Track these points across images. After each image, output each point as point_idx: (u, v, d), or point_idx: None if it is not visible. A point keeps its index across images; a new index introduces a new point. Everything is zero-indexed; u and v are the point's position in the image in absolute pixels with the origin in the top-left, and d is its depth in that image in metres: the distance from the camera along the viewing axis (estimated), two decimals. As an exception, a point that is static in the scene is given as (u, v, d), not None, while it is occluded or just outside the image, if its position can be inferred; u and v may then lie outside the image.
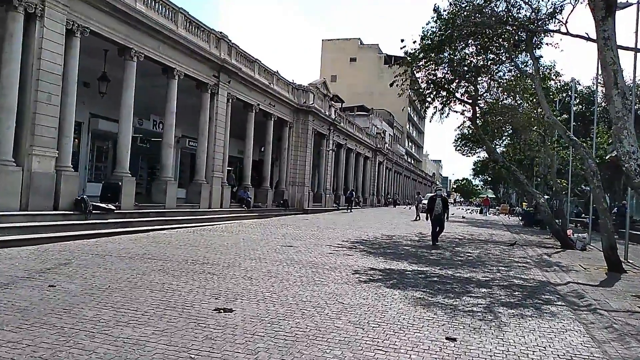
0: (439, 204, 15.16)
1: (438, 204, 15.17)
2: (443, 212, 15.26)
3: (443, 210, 15.26)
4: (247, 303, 6.63)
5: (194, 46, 18.63)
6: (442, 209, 15.22)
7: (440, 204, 15.18)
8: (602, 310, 7.52)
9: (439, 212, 15.12)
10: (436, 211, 15.14)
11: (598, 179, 11.98)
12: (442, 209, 15.20)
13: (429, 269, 10.58)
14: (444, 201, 15.48)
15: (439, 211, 15.14)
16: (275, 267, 9.55)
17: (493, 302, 7.60)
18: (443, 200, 15.48)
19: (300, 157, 30.35)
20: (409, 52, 18.52)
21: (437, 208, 15.15)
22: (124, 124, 16.02)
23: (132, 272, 8.32)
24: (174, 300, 6.60)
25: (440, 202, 15.25)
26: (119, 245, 11.56)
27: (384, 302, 7.12)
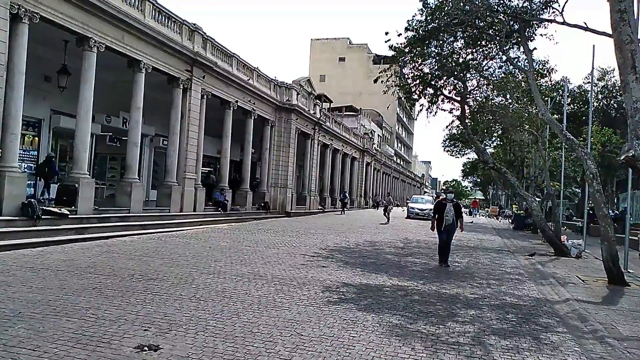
0: (450, 211, 11.97)
1: (449, 211, 11.97)
2: (456, 222, 12.15)
3: (456, 219, 12.11)
4: (181, 337, 5.37)
5: (163, 38, 17.28)
6: (455, 218, 12.08)
7: (452, 212, 11.99)
8: (611, 338, 6.37)
9: (450, 222, 11.95)
10: (447, 221, 11.93)
11: (598, 182, 10.88)
12: (454, 217, 12.05)
13: (410, 284, 9.37)
14: (456, 208, 12.33)
15: (451, 221, 11.96)
16: (233, 284, 8.29)
17: (483, 330, 6.41)
18: (456, 207, 12.32)
19: (283, 158, 29.05)
20: (394, 46, 17.41)
21: (448, 216, 11.95)
22: (82, 121, 14.66)
23: (60, 292, 7.02)
24: (90, 333, 5.32)
25: (452, 208, 12.08)
26: (65, 256, 10.24)
27: (351, 332, 5.89)
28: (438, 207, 12.28)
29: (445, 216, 11.95)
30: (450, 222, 11.98)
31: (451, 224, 12.03)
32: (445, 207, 12.04)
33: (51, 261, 9.55)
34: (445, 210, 11.99)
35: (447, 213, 11.97)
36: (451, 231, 12.13)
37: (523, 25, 13.23)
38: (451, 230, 12.11)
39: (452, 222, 12.00)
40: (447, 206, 12.09)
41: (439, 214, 12.07)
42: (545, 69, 19.23)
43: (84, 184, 14.30)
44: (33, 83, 16.97)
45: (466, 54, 17.19)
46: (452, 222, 12.01)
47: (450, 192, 13.20)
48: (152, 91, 19.23)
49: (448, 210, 11.99)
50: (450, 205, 12.18)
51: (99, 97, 16.55)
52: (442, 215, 11.96)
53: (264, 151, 27.96)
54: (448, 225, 12.00)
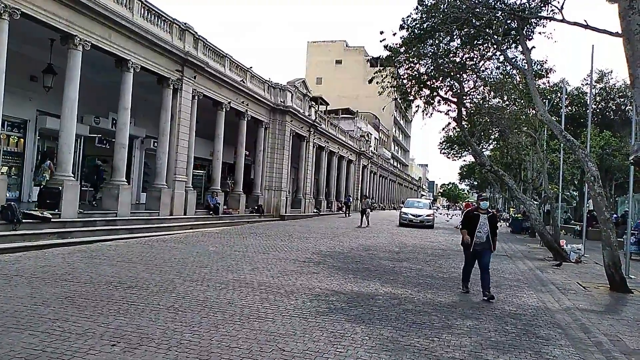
0: (483, 226, 8.83)
1: (483, 225, 8.83)
2: (491, 239, 8.91)
3: (492, 236, 8.91)
4: (151, 353, 4.91)
5: (152, 37, 16.83)
6: (490, 234, 8.90)
7: (486, 226, 8.84)
8: (617, 351, 5.94)
9: (483, 241, 8.82)
10: (478, 239, 8.81)
11: (599, 185, 10.47)
12: (489, 235, 8.88)
13: (404, 291, 8.93)
14: (492, 222, 9.04)
15: (484, 239, 8.81)
16: (216, 292, 7.83)
17: (480, 343, 5.97)
18: (491, 221, 9.01)
19: (278, 160, 28.58)
20: (389, 46, 17.04)
21: (481, 233, 8.82)
22: (67, 121, 14.17)
23: (29, 302, 6.56)
24: (51, 349, 4.86)
25: (487, 222, 8.89)
26: (43, 262, 9.76)
27: (338, 347, 5.44)
28: (468, 220, 9.08)
29: (477, 232, 8.78)
30: (483, 240, 8.78)
31: (484, 244, 8.80)
32: (478, 220, 8.83)
33: (27, 267, 9.08)
34: (479, 224, 8.80)
35: (480, 228, 8.79)
36: (483, 253, 8.82)
37: (521, 23, 12.84)
38: (483, 253, 8.82)
39: (485, 240, 8.79)
40: (480, 219, 8.84)
41: (470, 227, 8.94)
42: (543, 69, 18.84)
43: (68, 187, 13.82)
44: (18, 83, 16.54)
45: (463, 54, 16.80)
46: (485, 241, 8.79)
47: (484, 199, 9.42)
48: (143, 92, 18.80)
49: (482, 225, 8.80)
50: (485, 218, 8.90)
51: (87, 97, 16.16)
52: (473, 230, 8.84)
53: (257, 153, 27.50)
54: (479, 245, 8.81)
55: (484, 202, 9.51)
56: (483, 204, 9.32)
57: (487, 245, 8.86)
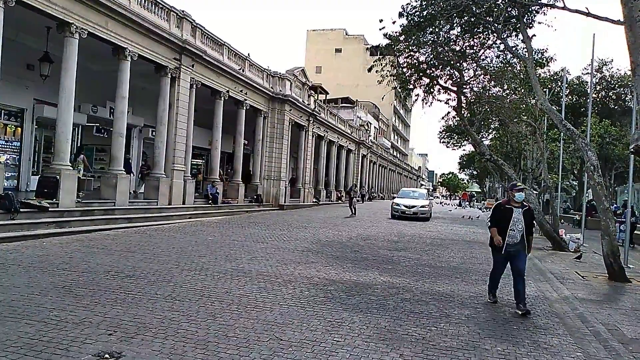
0: (518, 222, 7.27)
1: (517, 221, 7.27)
2: (526, 238, 7.36)
3: (527, 234, 7.37)
4: (148, 342, 4.90)
5: (150, 24, 16.62)
6: (526, 232, 7.35)
7: (521, 223, 7.28)
8: (615, 341, 5.94)
9: (517, 242, 7.26)
10: (511, 238, 7.25)
11: (599, 174, 10.43)
12: (523, 233, 7.32)
13: (402, 280, 8.92)
14: (528, 217, 7.43)
15: (518, 239, 7.27)
16: (214, 281, 7.82)
17: (477, 332, 5.96)
18: (527, 216, 7.40)
19: (276, 149, 28.46)
20: (389, 34, 16.90)
21: (514, 231, 7.26)
22: (63, 110, 14.03)
23: (26, 291, 6.54)
24: (48, 338, 4.85)
25: (522, 218, 7.31)
26: (41, 251, 9.75)
27: (335, 336, 5.43)
28: (499, 216, 7.45)
29: (510, 231, 7.21)
30: (517, 240, 7.23)
31: (519, 245, 7.25)
32: (512, 216, 7.25)
33: (25, 257, 9.07)
34: (512, 220, 7.23)
35: (514, 225, 7.22)
36: (518, 256, 7.28)
37: (522, 10, 12.71)
38: (517, 255, 7.28)
39: (520, 240, 7.25)
40: (513, 213, 7.27)
41: (500, 224, 7.36)
42: (544, 58, 18.71)
43: (66, 176, 13.74)
44: (15, 72, 16.41)
45: (463, 42, 16.66)
46: (520, 241, 7.25)
47: (519, 189, 7.49)
48: (141, 80, 18.67)
49: (516, 221, 7.23)
50: (520, 212, 7.31)
51: (84, 86, 16.03)
52: (505, 227, 7.26)
53: (256, 143, 27.38)
54: (513, 247, 7.24)
55: (519, 193, 7.40)
56: (518, 196, 7.37)
57: (522, 246, 7.25)
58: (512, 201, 7.48)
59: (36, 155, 18.07)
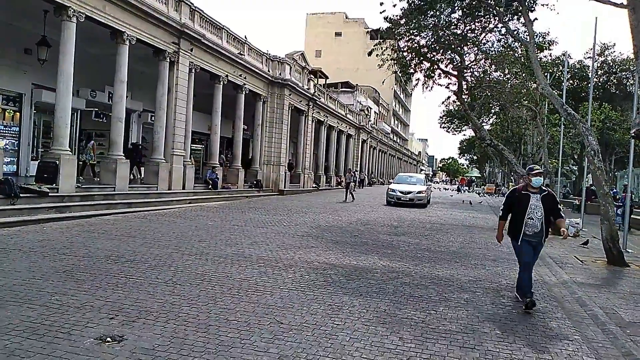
0: (536, 209, 6.53)
1: (535, 208, 6.53)
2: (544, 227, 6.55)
3: (545, 224, 6.56)
4: (149, 326, 4.93)
5: (148, 7, 16.46)
6: (545, 222, 6.55)
7: (540, 210, 6.51)
8: (613, 324, 5.98)
9: (537, 230, 6.52)
10: (529, 227, 6.52)
11: (599, 159, 10.41)
12: (544, 221, 6.53)
13: (401, 265, 8.97)
14: (548, 203, 6.60)
15: (538, 227, 6.51)
16: (215, 266, 7.86)
17: (476, 316, 6.00)
18: (547, 201, 6.58)
19: (276, 134, 28.39)
20: (389, 18, 16.75)
21: (533, 219, 6.51)
22: (62, 95, 13.96)
23: (28, 275, 6.57)
24: (50, 322, 4.88)
25: (541, 204, 6.53)
26: (41, 236, 9.77)
27: (335, 320, 5.47)
28: (513, 201, 6.78)
29: (528, 218, 6.49)
30: (536, 230, 6.49)
31: (539, 235, 6.54)
32: (529, 202, 6.52)
33: (25, 241, 9.10)
34: (529, 207, 6.51)
35: (532, 212, 6.50)
36: (537, 247, 6.70)
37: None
38: (537, 246, 6.68)
39: (540, 229, 6.50)
40: (530, 200, 6.54)
41: (515, 212, 6.67)
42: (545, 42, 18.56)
43: (65, 161, 13.74)
44: (12, 56, 16.34)
45: (464, 26, 16.52)
46: (540, 230, 6.51)
47: (537, 174, 6.66)
48: (139, 65, 18.56)
49: (534, 208, 6.51)
50: (538, 199, 6.55)
51: (83, 70, 15.93)
52: (522, 215, 6.53)
53: (256, 127, 27.31)
54: (535, 237, 6.54)
55: (537, 178, 6.64)
56: (535, 181, 6.61)
57: (541, 235, 6.56)
58: (529, 186, 6.70)
59: (35, 140, 18.05)
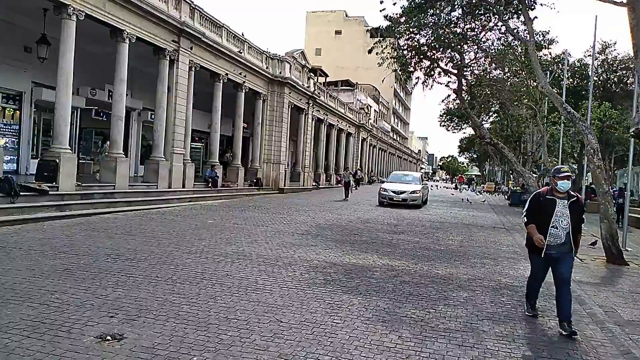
0: (562, 216, 5.67)
1: (562, 216, 5.67)
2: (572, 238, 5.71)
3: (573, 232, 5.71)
4: (149, 324, 4.95)
5: (147, 6, 16.42)
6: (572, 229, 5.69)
7: (566, 217, 5.66)
8: (611, 323, 6.00)
9: (561, 241, 5.66)
10: (554, 236, 5.66)
11: (599, 158, 10.44)
12: (569, 230, 5.68)
13: (401, 263, 8.99)
14: (575, 210, 5.74)
15: (562, 238, 5.66)
16: (214, 264, 7.87)
17: (475, 314, 6.02)
18: (574, 208, 5.73)
19: (276, 133, 28.39)
20: (389, 16, 16.74)
21: (557, 228, 5.66)
22: (62, 93, 13.94)
23: (28, 274, 6.59)
24: (50, 320, 4.89)
25: (568, 211, 5.68)
26: (41, 234, 9.80)
27: (335, 318, 5.49)
28: (537, 208, 5.81)
29: (552, 229, 5.62)
30: (561, 240, 5.61)
31: (563, 246, 5.63)
32: (554, 209, 5.65)
33: (26, 240, 9.12)
34: (554, 214, 5.63)
35: (558, 221, 5.62)
36: (562, 260, 5.65)
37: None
38: (561, 259, 5.65)
39: (565, 240, 5.62)
40: (557, 206, 5.66)
41: (538, 220, 5.75)
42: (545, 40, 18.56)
43: (65, 159, 13.74)
44: (12, 54, 16.31)
45: (464, 24, 16.51)
46: (565, 242, 5.62)
47: (564, 177, 5.70)
48: (139, 63, 18.53)
49: (559, 216, 5.63)
50: (565, 205, 5.67)
51: (83, 69, 15.90)
52: (545, 223, 5.66)
53: (256, 126, 27.29)
54: (555, 248, 5.64)
55: (564, 181, 5.65)
56: (562, 185, 5.64)
57: (568, 247, 5.64)
58: (554, 190, 5.75)
59: (35, 138, 18.05)
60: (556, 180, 5.77)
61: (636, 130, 6.90)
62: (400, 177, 26.20)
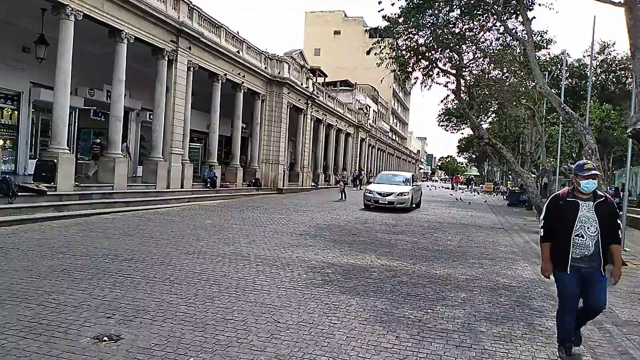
0: (589, 222, 4.48)
1: (587, 221, 4.49)
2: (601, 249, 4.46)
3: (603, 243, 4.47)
4: (146, 325, 4.94)
5: (146, 6, 16.42)
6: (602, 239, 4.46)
7: (594, 223, 4.47)
8: (609, 323, 6.00)
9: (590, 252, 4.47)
10: (580, 247, 4.47)
11: (597, 158, 10.45)
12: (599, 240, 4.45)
13: (399, 263, 8.98)
14: (605, 214, 4.51)
15: (591, 248, 4.46)
16: (212, 265, 7.87)
17: (473, 315, 6.02)
18: (604, 211, 4.52)
19: (275, 133, 28.39)
20: (388, 16, 16.74)
21: (584, 237, 4.46)
22: (60, 93, 13.92)
23: (25, 274, 6.57)
24: (47, 321, 4.88)
25: (595, 216, 4.47)
26: (39, 235, 9.79)
27: (332, 319, 5.48)
28: (555, 212, 4.72)
29: (577, 238, 4.52)
30: (588, 252, 4.50)
31: (592, 259, 4.51)
32: (577, 213, 4.55)
33: (23, 240, 9.11)
34: (577, 220, 4.54)
35: (583, 228, 4.52)
36: (593, 282, 4.55)
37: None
38: (592, 280, 4.54)
39: (594, 251, 4.49)
40: (580, 210, 4.55)
41: (558, 228, 4.66)
42: (543, 41, 18.57)
43: (64, 160, 13.72)
44: (10, 54, 16.30)
45: (462, 25, 16.51)
46: (594, 253, 4.49)
47: (589, 176, 4.46)
48: (138, 63, 18.51)
49: (584, 221, 4.53)
50: (591, 208, 4.55)
51: (81, 69, 15.89)
52: (567, 231, 4.55)
53: (254, 126, 27.29)
54: (580, 261, 4.52)
55: (589, 181, 4.50)
56: (586, 185, 4.51)
57: (597, 261, 4.49)
58: (576, 191, 4.62)
59: (33, 138, 18.04)
60: (579, 180, 4.57)
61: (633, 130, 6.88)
62: (390, 177, 23.84)
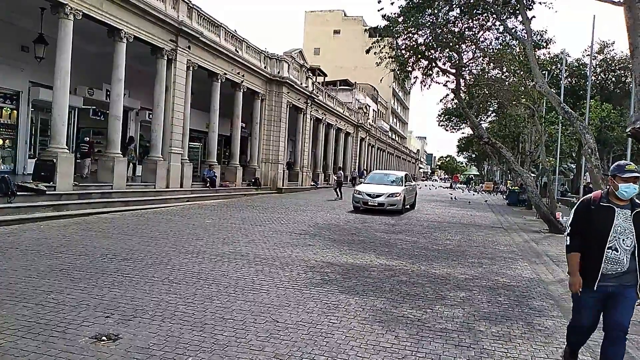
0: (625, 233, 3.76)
1: (624, 231, 3.77)
2: (638, 264, 3.77)
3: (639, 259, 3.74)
4: (145, 324, 4.93)
5: (145, 5, 16.37)
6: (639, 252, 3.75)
7: (631, 233, 3.75)
8: (608, 323, 5.98)
9: (624, 269, 3.78)
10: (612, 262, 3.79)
11: (597, 157, 10.45)
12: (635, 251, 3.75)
13: (398, 263, 8.98)
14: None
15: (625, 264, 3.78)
16: (211, 264, 7.85)
17: (472, 315, 6.01)
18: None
19: (274, 133, 28.37)
20: (387, 16, 16.74)
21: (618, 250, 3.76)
22: (59, 92, 13.89)
23: (24, 274, 6.56)
24: (45, 320, 4.87)
25: (633, 225, 3.76)
26: (38, 234, 9.78)
27: (331, 318, 5.48)
28: (585, 218, 3.93)
29: (610, 251, 3.79)
30: (622, 268, 3.80)
31: (624, 276, 3.81)
32: (612, 221, 3.79)
33: (22, 239, 9.10)
34: (612, 229, 3.78)
35: (617, 240, 3.79)
36: (619, 298, 3.83)
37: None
38: (619, 296, 3.83)
39: (628, 268, 3.79)
40: (616, 218, 3.79)
41: (587, 237, 3.91)
42: (543, 40, 18.56)
43: (62, 159, 13.69)
44: (9, 53, 16.27)
45: (462, 24, 16.50)
46: (628, 270, 3.79)
47: (629, 178, 3.69)
48: (137, 63, 18.50)
49: (620, 232, 3.78)
50: (629, 215, 3.81)
51: (80, 68, 15.88)
52: (599, 242, 3.81)
53: (254, 125, 27.26)
54: (611, 279, 3.82)
55: (630, 185, 3.78)
56: (626, 189, 3.80)
57: (632, 277, 3.85)
58: (612, 195, 3.91)
59: (32, 138, 18.00)
60: (617, 182, 3.82)
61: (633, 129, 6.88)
62: (382, 177, 21.91)
